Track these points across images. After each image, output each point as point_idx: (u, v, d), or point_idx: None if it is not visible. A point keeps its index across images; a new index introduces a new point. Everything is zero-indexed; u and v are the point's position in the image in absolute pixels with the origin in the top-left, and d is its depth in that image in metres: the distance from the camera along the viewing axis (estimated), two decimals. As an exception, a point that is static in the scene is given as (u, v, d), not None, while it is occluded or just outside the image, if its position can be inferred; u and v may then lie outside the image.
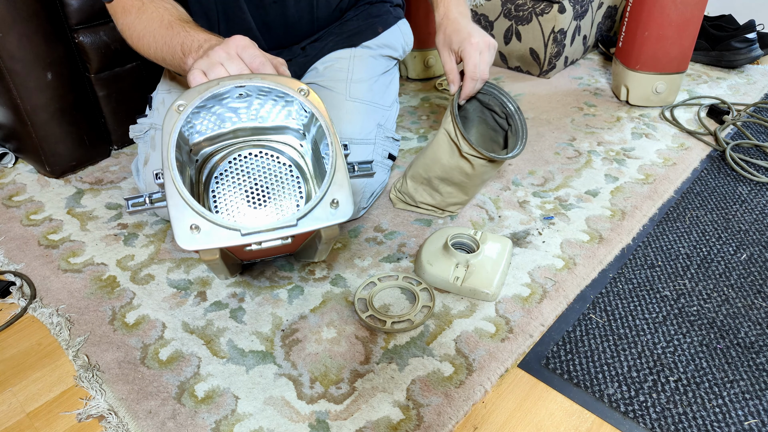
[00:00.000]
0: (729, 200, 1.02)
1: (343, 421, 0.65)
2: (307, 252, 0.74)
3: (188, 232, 0.54)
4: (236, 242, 0.55)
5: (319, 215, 0.58)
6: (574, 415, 0.66)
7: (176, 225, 0.54)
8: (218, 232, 0.55)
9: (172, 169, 0.55)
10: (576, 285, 0.84)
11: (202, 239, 0.54)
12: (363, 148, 0.93)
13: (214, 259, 0.57)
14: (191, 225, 0.54)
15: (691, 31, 1.23)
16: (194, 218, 0.54)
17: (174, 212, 0.55)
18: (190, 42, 0.69)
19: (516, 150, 0.85)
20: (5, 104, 1.03)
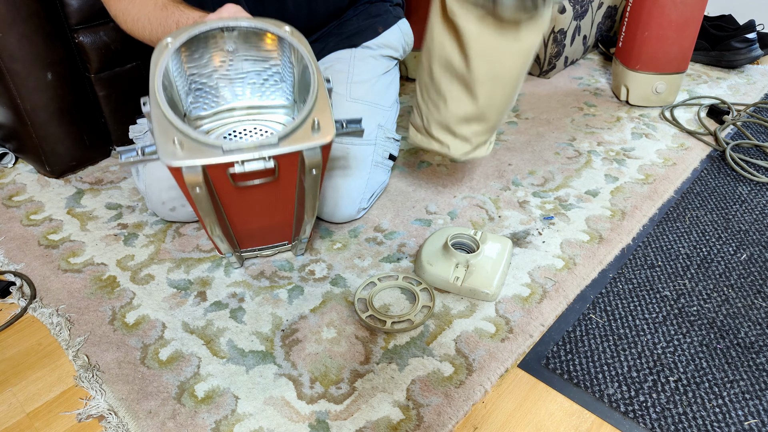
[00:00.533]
0: (729, 200, 1.02)
1: (343, 421, 0.65)
2: (298, 212, 0.74)
3: (172, 148, 0.56)
4: (218, 159, 0.56)
5: (301, 137, 0.59)
6: (574, 415, 0.66)
7: (160, 142, 0.56)
8: (201, 150, 0.56)
9: (158, 92, 0.57)
10: (576, 285, 0.84)
11: (184, 155, 0.55)
12: (363, 149, 0.93)
13: (198, 182, 0.57)
14: (174, 140, 0.56)
15: (691, 31, 1.23)
16: (178, 135, 0.56)
17: (158, 130, 0.56)
18: (185, 19, 0.70)
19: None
20: (5, 104, 1.03)
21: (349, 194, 0.91)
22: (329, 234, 0.95)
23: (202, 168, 0.56)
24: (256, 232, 0.78)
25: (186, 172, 0.56)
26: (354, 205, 0.92)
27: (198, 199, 0.60)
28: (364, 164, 0.93)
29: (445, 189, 1.06)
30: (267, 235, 0.80)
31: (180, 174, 0.57)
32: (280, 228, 0.78)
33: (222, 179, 0.60)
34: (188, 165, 0.55)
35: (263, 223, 0.74)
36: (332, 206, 0.91)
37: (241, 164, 0.57)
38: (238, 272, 0.87)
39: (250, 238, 0.80)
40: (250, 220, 0.72)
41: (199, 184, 0.58)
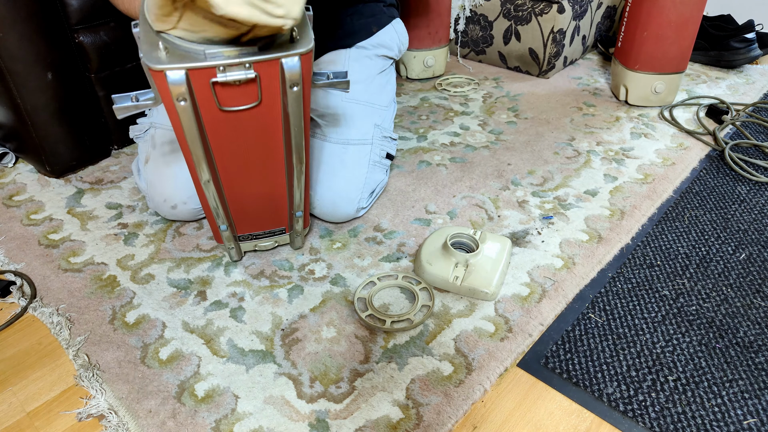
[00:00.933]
0: (728, 200, 1.02)
1: (343, 420, 0.65)
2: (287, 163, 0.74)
3: (157, 53, 0.58)
4: (201, 64, 0.58)
5: (279, 46, 0.60)
6: (573, 414, 0.66)
7: (146, 49, 0.58)
8: (185, 56, 0.58)
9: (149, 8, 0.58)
10: (575, 284, 0.84)
11: (168, 59, 0.57)
12: (360, 149, 0.94)
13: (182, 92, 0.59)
14: (160, 45, 0.57)
15: (690, 31, 1.23)
16: (163, 42, 0.58)
17: (145, 40, 0.58)
18: None
19: None
20: (5, 104, 1.04)
21: (347, 193, 0.91)
22: (329, 234, 0.95)
23: (185, 74, 0.58)
24: (249, 201, 0.77)
25: (170, 77, 0.57)
26: (352, 204, 0.92)
27: (184, 114, 0.61)
28: (361, 163, 0.93)
29: (444, 188, 1.06)
30: (261, 206, 0.80)
31: (164, 80, 0.58)
32: (273, 195, 0.78)
33: (207, 97, 0.62)
34: (172, 68, 0.57)
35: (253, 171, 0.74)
36: (331, 205, 0.91)
37: (223, 71, 0.59)
38: (238, 272, 0.87)
39: (244, 209, 0.79)
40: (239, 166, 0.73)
41: (183, 95, 0.59)
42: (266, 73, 0.61)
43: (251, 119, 0.66)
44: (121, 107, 0.63)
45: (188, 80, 0.58)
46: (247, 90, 0.63)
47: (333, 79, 0.69)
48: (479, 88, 1.49)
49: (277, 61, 0.60)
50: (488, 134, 1.25)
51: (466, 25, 1.63)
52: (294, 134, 0.68)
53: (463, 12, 1.61)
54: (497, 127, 1.28)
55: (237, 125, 0.66)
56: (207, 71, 0.59)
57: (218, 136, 0.67)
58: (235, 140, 0.68)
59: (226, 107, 0.63)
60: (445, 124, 1.30)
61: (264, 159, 0.73)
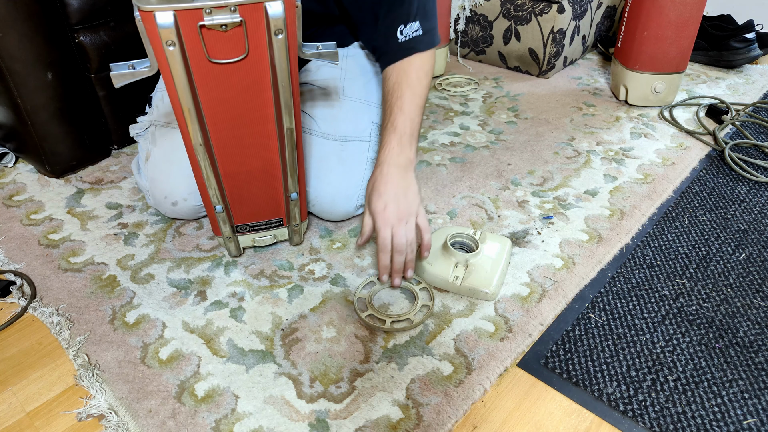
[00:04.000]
0: (728, 200, 1.02)
1: (343, 420, 0.65)
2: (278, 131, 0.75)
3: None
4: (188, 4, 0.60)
5: None
6: (573, 414, 0.66)
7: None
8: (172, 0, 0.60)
9: None
10: (575, 284, 0.84)
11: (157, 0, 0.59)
12: (359, 146, 0.94)
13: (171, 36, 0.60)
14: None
15: (690, 31, 1.23)
16: None
17: None
18: None
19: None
20: (5, 104, 1.04)
21: (345, 190, 0.91)
22: (329, 233, 0.95)
23: (173, 16, 0.60)
24: (243, 172, 0.78)
25: (159, 20, 0.59)
26: (350, 201, 0.92)
27: (173, 63, 0.63)
28: (359, 161, 0.93)
29: (444, 189, 1.06)
30: (255, 187, 0.80)
31: (153, 23, 0.59)
32: (267, 173, 0.78)
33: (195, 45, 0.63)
34: (160, 8, 0.59)
35: (244, 132, 0.75)
36: (329, 203, 0.91)
37: (210, 14, 0.61)
38: (238, 271, 0.87)
39: (239, 190, 0.79)
40: (229, 123, 0.73)
41: (172, 39, 0.61)
42: (251, 19, 0.63)
43: (239, 73, 0.68)
44: (118, 74, 0.64)
45: (176, 23, 0.60)
46: (234, 39, 0.64)
47: (322, 49, 0.70)
48: (479, 88, 1.49)
49: (261, 6, 0.62)
50: (488, 134, 1.25)
51: (466, 25, 1.63)
52: (282, 90, 0.69)
53: (463, 12, 1.61)
54: (497, 127, 1.28)
55: (226, 80, 0.68)
56: (194, 13, 0.60)
57: (208, 91, 0.68)
58: (224, 96, 0.70)
59: (215, 59, 0.65)
60: (445, 124, 1.30)
61: (255, 122, 0.74)
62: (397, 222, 0.77)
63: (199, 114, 0.69)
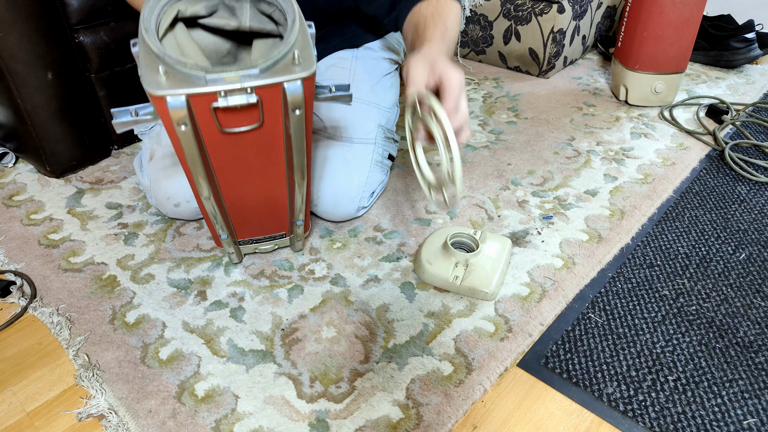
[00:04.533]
0: (728, 200, 1.02)
1: (343, 420, 0.65)
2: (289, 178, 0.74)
3: (157, 77, 0.56)
4: (201, 89, 0.56)
5: (282, 69, 0.59)
6: (573, 414, 0.66)
7: (145, 72, 0.56)
8: (185, 80, 0.57)
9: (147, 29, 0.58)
10: (575, 284, 0.84)
11: (168, 84, 0.56)
12: (364, 148, 0.94)
13: (183, 116, 0.58)
14: (159, 69, 0.56)
15: (690, 30, 1.23)
16: (163, 66, 0.57)
17: (145, 62, 0.57)
18: None
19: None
20: (5, 104, 1.04)
21: (348, 191, 0.91)
22: (329, 233, 0.95)
23: (186, 99, 0.57)
24: (250, 211, 0.77)
25: (171, 103, 0.56)
26: (353, 202, 0.92)
27: (184, 139, 0.60)
28: (364, 162, 0.93)
29: (444, 189, 1.06)
30: (262, 216, 0.80)
31: (164, 106, 0.57)
32: (274, 205, 0.78)
33: (208, 121, 0.60)
34: (172, 94, 0.56)
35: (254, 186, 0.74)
36: (332, 203, 0.91)
37: (224, 96, 0.58)
38: (238, 271, 0.87)
39: (244, 219, 0.79)
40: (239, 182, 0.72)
41: (184, 121, 0.58)
42: (268, 97, 0.60)
43: (252, 139, 0.65)
44: (121, 122, 0.61)
45: (189, 105, 0.57)
46: (249, 112, 0.62)
47: (335, 92, 0.67)
48: (479, 88, 1.49)
49: (279, 86, 0.59)
50: (488, 134, 1.25)
51: (466, 25, 1.63)
52: (296, 153, 0.68)
53: (463, 12, 1.61)
54: (497, 127, 1.28)
55: (238, 145, 0.65)
56: (208, 96, 0.58)
57: (219, 156, 0.66)
58: (235, 159, 0.68)
59: (227, 129, 0.62)
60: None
61: (265, 174, 0.72)
62: (463, 91, 0.68)
63: (209, 173, 0.68)
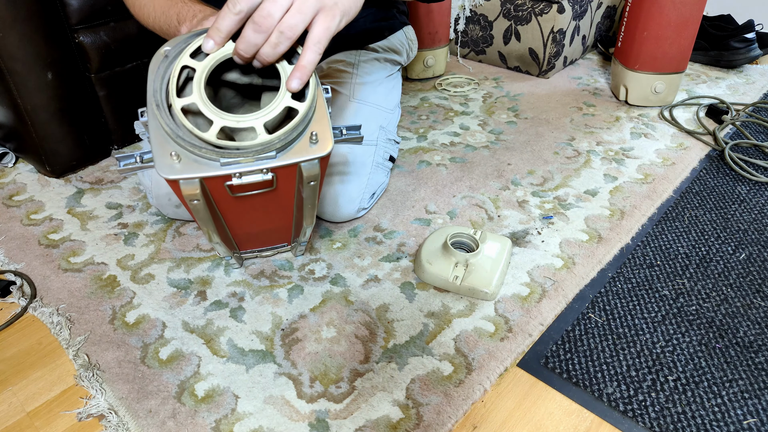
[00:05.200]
0: (728, 200, 1.02)
1: (343, 420, 0.65)
2: (297, 218, 0.74)
3: (169, 161, 0.55)
4: (216, 172, 0.55)
5: (299, 149, 0.58)
6: (573, 414, 0.66)
7: (157, 154, 0.55)
8: (198, 162, 0.55)
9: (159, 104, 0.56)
10: (575, 284, 0.84)
11: (182, 168, 0.55)
12: (365, 149, 0.94)
13: (196, 194, 0.57)
14: (172, 154, 0.55)
15: (690, 31, 1.23)
16: (175, 148, 0.55)
17: (155, 141, 0.55)
18: (186, 12, 0.70)
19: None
20: (5, 104, 1.04)
21: (349, 193, 0.91)
22: (329, 233, 0.95)
23: (199, 180, 0.56)
24: (255, 237, 0.78)
25: (183, 185, 0.55)
26: (354, 204, 0.92)
27: (196, 209, 0.60)
28: (365, 164, 0.93)
29: (444, 188, 1.06)
30: (266, 239, 0.80)
31: (178, 186, 0.56)
32: (279, 232, 0.78)
33: (220, 190, 0.60)
34: (186, 178, 0.55)
35: (262, 227, 0.74)
36: (333, 205, 0.91)
37: (239, 177, 0.57)
38: (238, 272, 0.87)
39: (249, 242, 0.80)
40: (248, 226, 0.73)
41: (197, 197, 0.57)
42: (283, 173, 0.59)
43: (264, 200, 0.65)
44: (126, 168, 0.60)
45: (203, 185, 0.57)
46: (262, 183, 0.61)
47: (346, 134, 0.65)
48: (479, 88, 1.49)
49: (295, 165, 0.58)
50: (488, 134, 1.25)
51: (466, 25, 1.63)
52: (307, 209, 0.67)
53: (463, 12, 1.61)
54: (497, 127, 1.28)
55: (250, 203, 0.65)
56: (222, 177, 0.56)
57: (230, 213, 0.66)
58: (246, 214, 0.67)
59: (239, 193, 0.61)
60: (445, 124, 1.30)
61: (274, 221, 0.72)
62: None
63: (219, 226, 0.67)
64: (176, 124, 0.55)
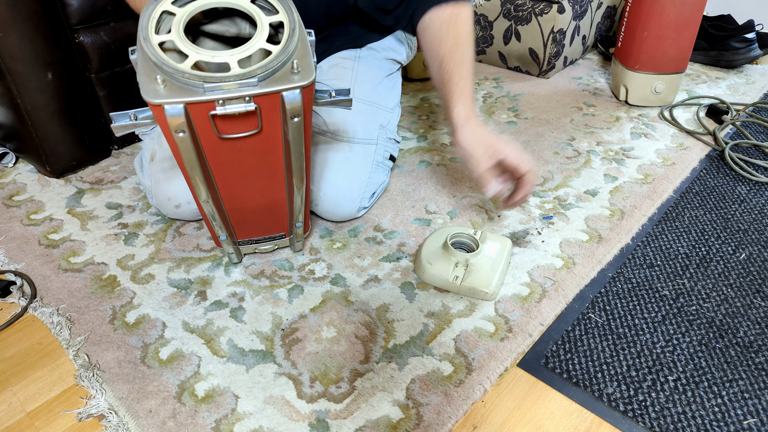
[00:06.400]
0: (728, 200, 1.02)
1: (343, 420, 0.65)
2: (288, 183, 0.74)
3: (155, 86, 0.57)
4: (199, 97, 0.57)
5: (280, 77, 0.59)
6: (573, 414, 0.66)
7: (144, 81, 0.57)
8: (182, 88, 0.57)
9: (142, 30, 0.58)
10: (575, 284, 0.84)
11: (167, 93, 0.56)
12: (366, 148, 0.94)
13: (181, 124, 0.58)
14: (158, 78, 0.56)
15: (690, 31, 1.23)
16: (161, 75, 0.57)
17: (143, 70, 0.57)
18: None
19: None
20: (5, 104, 1.04)
21: (349, 192, 0.91)
22: (329, 233, 0.95)
23: (184, 108, 0.57)
24: (251, 215, 0.77)
25: (169, 111, 0.57)
26: (354, 203, 0.92)
27: (183, 147, 0.61)
28: (365, 163, 0.93)
29: (444, 188, 1.06)
30: (261, 219, 0.80)
31: (162, 114, 0.57)
32: (274, 211, 0.78)
33: (206, 127, 0.61)
34: (170, 102, 0.56)
35: (253, 189, 0.74)
36: (333, 204, 0.91)
37: (222, 104, 0.58)
38: (238, 271, 0.87)
39: (243, 218, 0.79)
40: (238, 184, 0.72)
41: (182, 128, 0.58)
42: (266, 105, 0.60)
43: (251, 145, 0.66)
44: (120, 126, 0.62)
45: (187, 113, 0.58)
46: (247, 119, 0.62)
47: (335, 97, 0.67)
48: (479, 88, 1.49)
49: (277, 94, 0.59)
50: (488, 134, 1.25)
51: (466, 25, 1.63)
52: (294, 159, 0.68)
53: (463, 12, 1.61)
54: (497, 127, 1.28)
55: (236, 150, 0.66)
56: (206, 105, 0.58)
57: (217, 161, 0.67)
58: (234, 164, 0.68)
59: (226, 135, 0.63)
60: (445, 124, 1.30)
61: (263, 178, 0.72)
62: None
63: (208, 179, 0.68)
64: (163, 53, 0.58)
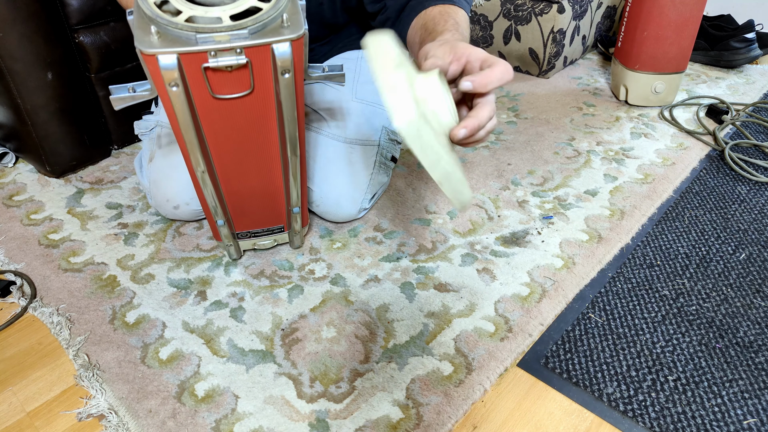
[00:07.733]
0: (728, 200, 1.02)
1: (343, 420, 0.65)
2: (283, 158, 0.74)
3: (149, 37, 0.58)
4: (192, 48, 0.58)
5: (271, 31, 0.60)
6: (573, 414, 0.66)
7: (138, 33, 0.58)
8: (176, 40, 0.58)
9: None
10: (575, 284, 0.84)
11: (160, 44, 0.58)
12: (368, 149, 0.94)
13: (174, 77, 0.59)
14: (152, 29, 0.58)
15: (690, 31, 1.23)
16: (155, 26, 0.58)
17: (138, 23, 0.59)
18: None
19: None
20: (5, 104, 1.04)
21: (351, 193, 0.91)
22: (329, 233, 0.95)
23: (177, 59, 0.58)
24: (245, 190, 0.78)
25: (162, 62, 0.58)
26: (356, 204, 0.92)
27: (176, 104, 0.62)
28: (367, 164, 0.93)
29: (444, 189, 1.06)
30: (257, 201, 0.80)
31: (156, 65, 0.58)
32: (270, 197, 0.78)
33: (199, 84, 0.62)
34: (163, 52, 0.57)
35: (248, 164, 0.74)
36: (334, 204, 0.91)
37: (214, 56, 0.59)
38: (238, 271, 0.87)
39: (241, 203, 0.79)
40: (234, 159, 0.73)
41: (176, 81, 0.59)
42: (258, 59, 0.62)
43: (244, 108, 0.67)
44: (118, 98, 0.63)
45: (180, 65, 0.59)
46: (240, 77, 0.63)
47: (328, 71, 0.68)
48: (479, 88, 1.49)
49: (268, 47, 0.61)
50: (488, 134, 1.25)
51: (466, 25, 1.63)
52: (287, 124, 0.68)
53: (463, 12, 1.61)
54: (497, 127, 1.28)
55: (230, 114, 0.67)
56: (198, 56, 0.59)
57: (211, 124, 0.68)
58: (228, 129, 0.69)
59: (219, 95, 0.64)
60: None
61: (258, 150, 0.73)
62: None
63: (202, 144, 0.68)
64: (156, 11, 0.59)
